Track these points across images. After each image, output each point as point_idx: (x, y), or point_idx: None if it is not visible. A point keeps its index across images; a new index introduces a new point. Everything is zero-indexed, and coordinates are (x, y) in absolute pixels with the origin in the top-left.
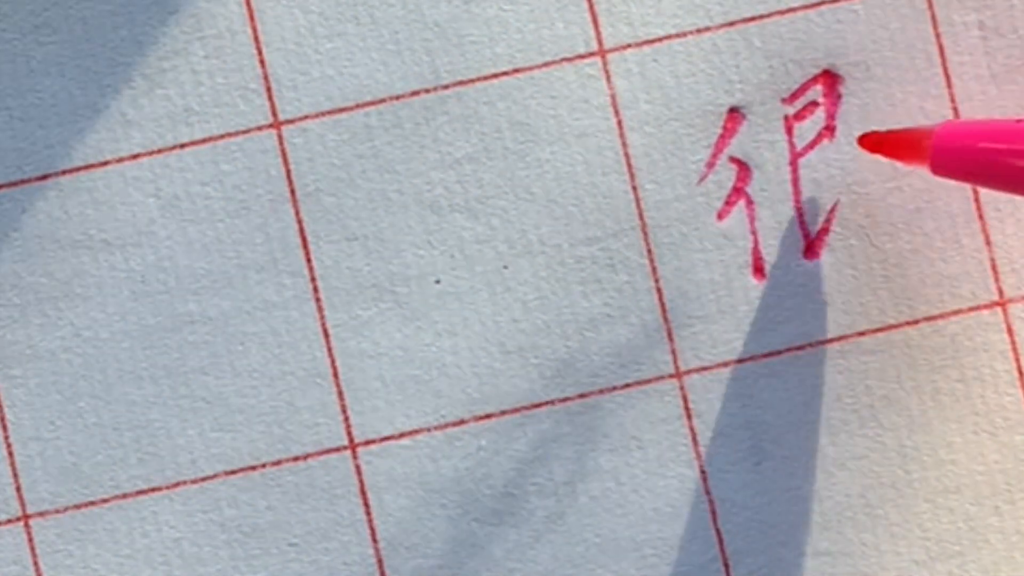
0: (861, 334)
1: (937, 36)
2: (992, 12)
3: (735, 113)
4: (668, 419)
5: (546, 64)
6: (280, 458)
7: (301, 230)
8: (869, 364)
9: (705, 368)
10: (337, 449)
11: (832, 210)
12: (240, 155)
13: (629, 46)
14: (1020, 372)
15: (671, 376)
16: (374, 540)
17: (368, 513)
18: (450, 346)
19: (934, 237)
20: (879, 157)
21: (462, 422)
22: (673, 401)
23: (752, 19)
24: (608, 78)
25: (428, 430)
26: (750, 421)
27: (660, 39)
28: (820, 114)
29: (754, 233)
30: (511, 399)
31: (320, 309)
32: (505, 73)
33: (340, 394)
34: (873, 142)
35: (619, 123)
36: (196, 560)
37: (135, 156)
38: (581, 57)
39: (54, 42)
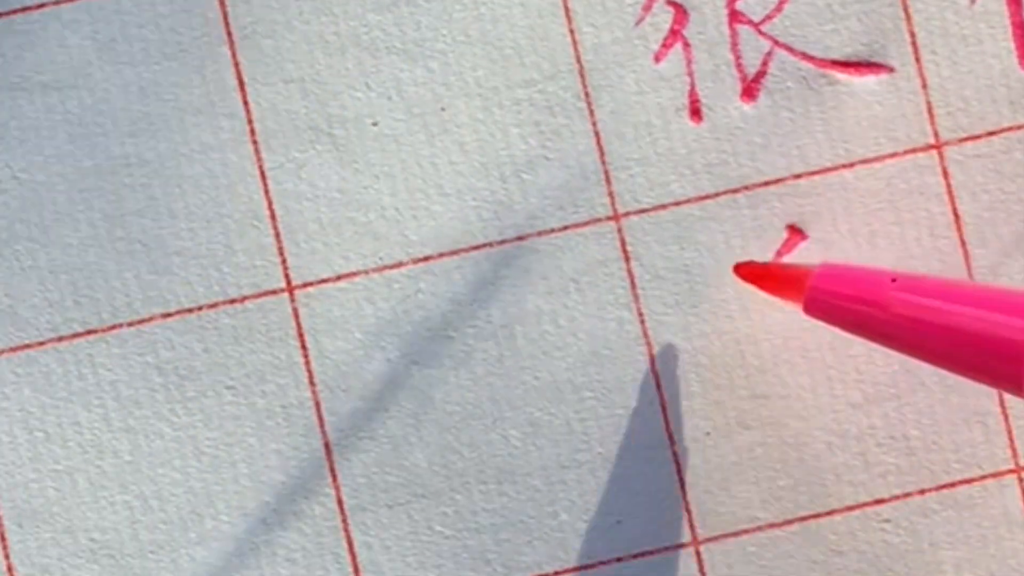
0: (797, 176)
1: None
2: None
3: None
4: (606, 261)
5: None
6: (217, 300)
7: (238, 72)
8: (804, 206)
9: (643, 210)
10: (274, 291)
11: (769, 53)
12: None
13: None
14: (956, 215)
15: (609, 218)
16: (311, 383)
17: (305, 356)
18: (388, 188)
19: (869, 79)
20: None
21: (400, 264)
22: (611, 243)
23: None
24: None
25: (366, 272)
26: (688, 264)
27: None
28: None
29: (691, 76)
30: (449, 241)
31: (257, 151)
32: None
33: (277, 236)
34: (749, 273)
35: None
36: (132, 402)
37: None
38: None
39: None
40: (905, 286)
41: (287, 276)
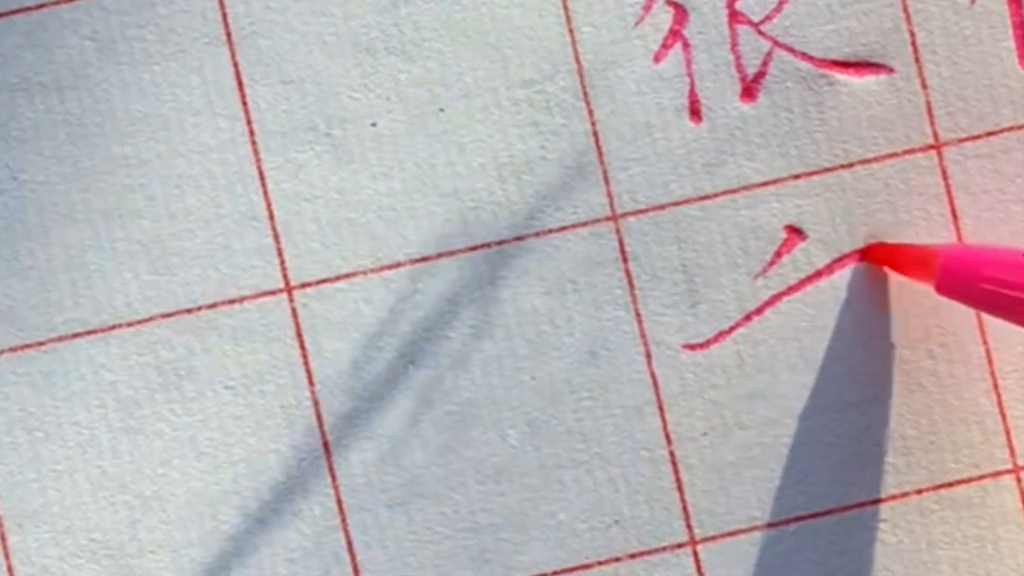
0: (796, 177)
1: None
2: None
3: None
4: (604, 262)
5: None
6: (216, 301)
7: (237, 73)
8: (804, 206)
9: (641, 211)
10: (273, 292)
11: (769, 53)
12: None
13: None
14: (955, 215)
15: (607, 219)
16: (310, 383)
17: (304, 356)
18: (386, 189)
19: (869, 79)
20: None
21: (398, 264)
22: (609, 244)
23: None
24: None
25: (364, 272)
26: (686, 264)
27: None
28: None
29: (691, 76)
30: (447, 242)
31: (256, 152)
32: None
33: (276, 237)
34: (880, 255)
35: None
36: (132, 403)
37: None
38: None
39: None
40: None
41: (286, 276)
